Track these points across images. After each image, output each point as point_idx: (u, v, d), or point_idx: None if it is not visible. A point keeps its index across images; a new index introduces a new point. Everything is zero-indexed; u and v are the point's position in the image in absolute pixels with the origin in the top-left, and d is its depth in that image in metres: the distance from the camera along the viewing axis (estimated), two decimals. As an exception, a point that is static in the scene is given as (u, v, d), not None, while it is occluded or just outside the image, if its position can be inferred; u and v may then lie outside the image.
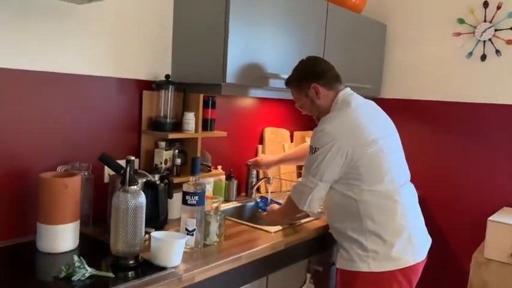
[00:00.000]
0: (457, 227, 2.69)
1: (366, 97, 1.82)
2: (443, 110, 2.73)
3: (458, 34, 2.64)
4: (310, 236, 1.88)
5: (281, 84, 1.95)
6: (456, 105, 2.68)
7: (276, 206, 2.00)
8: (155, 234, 1.40)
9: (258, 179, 2.44)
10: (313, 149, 1.65)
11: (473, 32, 2.58)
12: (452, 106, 2.70)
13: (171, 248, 1.37)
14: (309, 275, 1.92)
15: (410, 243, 1.65)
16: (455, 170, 2.71)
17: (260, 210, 2.24)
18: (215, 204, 1.78)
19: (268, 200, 2.23)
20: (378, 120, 1.77)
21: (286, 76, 1.87)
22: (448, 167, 2.73)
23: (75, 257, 1.29)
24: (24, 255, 1.45)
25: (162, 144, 1.92)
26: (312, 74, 1.77)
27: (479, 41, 2.57)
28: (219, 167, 2.20)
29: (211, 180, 2.12)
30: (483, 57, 2.57)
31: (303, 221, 1.97)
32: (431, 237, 1.83)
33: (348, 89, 1.79)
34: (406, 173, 1.79)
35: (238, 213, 2.20)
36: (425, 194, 2.77)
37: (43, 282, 1.31)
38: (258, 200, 2.30)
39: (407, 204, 1.71)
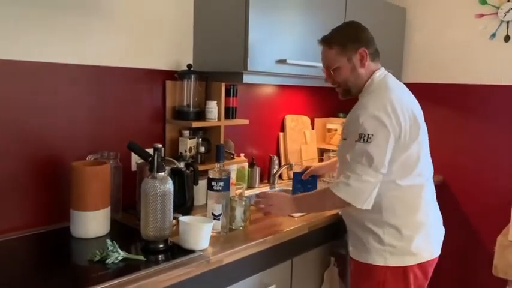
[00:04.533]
0: (482, 211, 2.67)
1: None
2: (466, 93, 2.69)
3: (481, 15, 2.59)
4: (334, 220, 1.90)
5: (301, 71, 1.96)
6: (479, 88, 2.65)
7: (283, 195, 1.72)
8: (183, 218, 1.45)
9: (280, 166, 2.47)
10: (365, 136, 1.46)
11: (497, 13, 2.53)
12: (475, 89, 2.66)
13: (199, 231, 1.41)
14: (332, 259, 1.95)
15: (428, 239, 1.60)
16: (478, 153, 2.68)
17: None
18: (239, 191, 1.82)
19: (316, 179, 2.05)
20: (417, 108, 1.62)
21: (306, 63, 1.87)
22: (471, 150, 2.70)
23: (108, 241, 1.35)
24: (60, 240, 1.51)
25: (186, 132, 1.97)
26: (361, 39, 1.61)
27: (502, 21, 2.52)
28: (242, 154, 2.24)
29: (235, 168, 2.16)
30: (507, 38, 2.52)
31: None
32: (455, 221, 1.81)
33: (383, 69, 1.66)
34: (431, 166, 1.69)
35: (261, 199, 2.22)
36: (449, 179, 2.77)
37: (79, 265, 1.38)
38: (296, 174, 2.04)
39: (430, 200, 1.65)
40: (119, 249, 1.33)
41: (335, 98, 1.70)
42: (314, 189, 1.97)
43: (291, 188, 2.11)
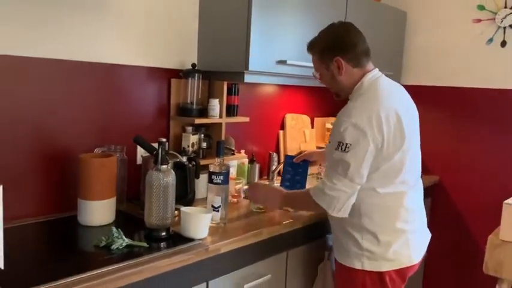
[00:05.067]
0: (475, 210, 2.75)
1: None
2: (463, 96, 2.77)
3: (479, 21, 2.66)
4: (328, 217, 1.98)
5: (301, 71, 2.03)
6: (476, 91, 2.72)
7: (273, 189, 1.82)
8: (185, 209, 1.53)
9: (279, 163, 2.54)
10: (343, 145, 1.45)
11: (494, 19, 2.60)
12: (472, 92, 2.73)
13: (199, 221, 1.50)
14: (327, 253, 2.02)
15: (407, 246, 1.59)
16: (474, 155, 2.75)
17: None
18: (238, 185, 1.90)
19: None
20: (407, 113, 1.57)
21: (306, 64, 1.94)
22: (467, 151, 2.78)
23: (114, 229, 1.43)
24: (68, 227, 1.60)
25: (189, 128, 2.05)
26: (338, 46, 1.57)
27: (499, 27, 2.59)
28: (242, 151, 2.32)
29: (235, 163, 2.24)
30: (503, 44, 2.59)
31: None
32: (450, 220, 1.83)
33: (376, 71, 1.61)
34: (418, 171, 1.66)
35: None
36: (444, 178, 2.84)
37: (86, 250, 1.47)
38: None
39: (412, 208, 1.61)
40: (123, 236, 1.42)
41: (334, 98, 1.76)
42: (304, 174, 2.04)
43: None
